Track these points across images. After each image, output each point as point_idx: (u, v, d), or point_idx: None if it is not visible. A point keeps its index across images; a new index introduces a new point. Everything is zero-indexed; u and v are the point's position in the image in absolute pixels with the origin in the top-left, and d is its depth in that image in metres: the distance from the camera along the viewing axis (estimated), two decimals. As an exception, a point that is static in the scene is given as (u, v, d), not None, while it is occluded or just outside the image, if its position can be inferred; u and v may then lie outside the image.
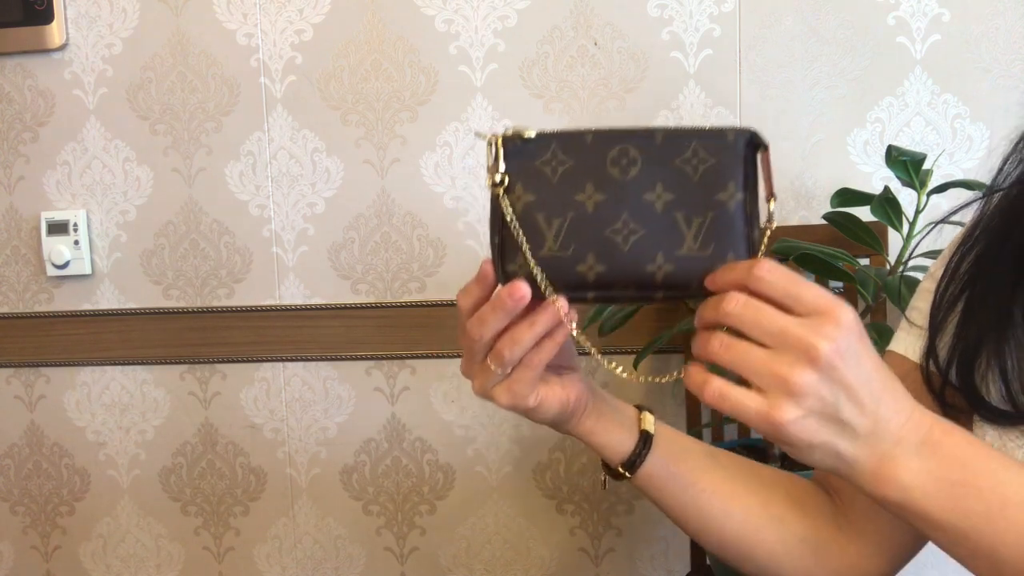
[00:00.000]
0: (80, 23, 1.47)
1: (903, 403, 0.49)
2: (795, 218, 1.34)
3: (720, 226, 0.52)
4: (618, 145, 0.53)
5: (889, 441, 0.48)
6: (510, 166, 0.54)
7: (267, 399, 1.51)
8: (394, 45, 1.40)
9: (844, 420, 0.47)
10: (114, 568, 1.60)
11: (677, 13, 1.33)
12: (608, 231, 0.53)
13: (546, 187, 0.54)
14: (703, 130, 0.53)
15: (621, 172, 0.53)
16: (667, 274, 0.52)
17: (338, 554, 1.53)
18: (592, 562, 1.47)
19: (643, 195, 0.53)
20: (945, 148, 1.30)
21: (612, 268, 0.53)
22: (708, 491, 0.64)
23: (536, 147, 0.55)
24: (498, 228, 0.55)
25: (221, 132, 1.46)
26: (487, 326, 0.55)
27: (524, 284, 0.53)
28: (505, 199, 0.55)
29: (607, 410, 0.64)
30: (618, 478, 0.65)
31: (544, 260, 0.54)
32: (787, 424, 0.46)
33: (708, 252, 0.52)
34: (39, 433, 1.58)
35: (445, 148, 1.40)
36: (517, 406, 0.57)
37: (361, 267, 1.45)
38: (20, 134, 1.51)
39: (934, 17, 1.28)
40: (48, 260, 1.50)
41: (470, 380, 0.58)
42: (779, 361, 0.46)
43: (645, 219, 0.52)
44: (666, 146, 0.53)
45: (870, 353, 0.48)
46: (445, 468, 1.48)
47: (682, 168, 0.52)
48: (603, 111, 1.36)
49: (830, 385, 0.46)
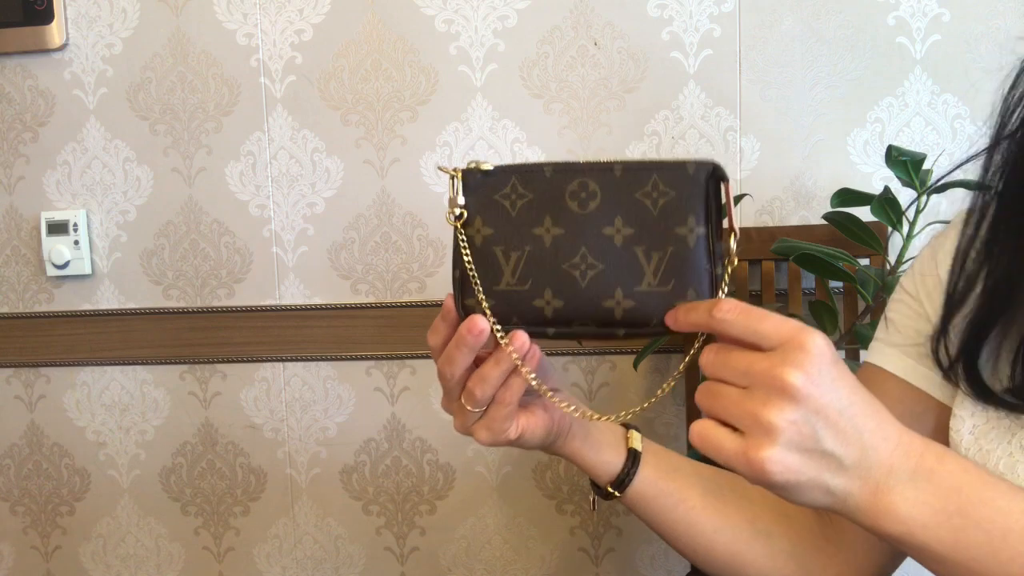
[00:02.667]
0: (80, 23, 1.47)
1: (889, 429, 0.47)
2: (795, 218, 1.34)
3: (680, 261, 0.51)
4: (577, 178, 0.53)
5: (881, 470, 0.46)
6: (469, 199, 0.54)
7: (267, 399, 1.51)
8: (394, 45, 1.40)
9: (827, 452, 0.45)
10: (114, 568, 1.60)
11: (677, 13, 1.33)
12: (566, 265, 0.52)
13: (505, 220, 0.53)
14: (663, 162, 0.52)
15: (580, 205, 0.52)
16: (626, 310, 0.52)
17: (338, 554, 1.53)
18: (592, 562, 1.47)
19: (602, 229, 0.52)
20: (945, 148, 1.30)
21: (570, 304, 0.52)
22: (697, 508, 0.64)
23: (496, 180, 0.54)
24: (457, 262, 0.55)
25: (221, 132, 1.46)
26: (454, 364, 0.54)
27: (482, 319, 0.53)
28: (463, 233, 0.54)
29: (594, 430, 0.64)
30: (607, 498, 0.64)
31: (501, 294, 0.53)
32: (767, 463, 0.44)
33: (668, 288, 0.51)
34: (39, 433, 1.58)
35: (445, 148, 1.40)
36: (498, 441, 0.57)
37: (361, 267, 1.45)
38: (20, 134, 1.51)
39: (934, 17, 1.28)
40: (48, 260, 1.50)
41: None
42: (751, 399, 0.45)
43: (604, 254, 0.52)
44: (625, 179, 0.52)
45: (846, 379, 0.46)
46: (445, 468, 1.48)
47: (642, 201, 0.51)
48: (603, 111, 1.36)
49: (805, 415, 0.44)
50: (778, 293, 1.31)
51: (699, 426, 0.47)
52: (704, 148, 1.34)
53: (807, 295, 1.31)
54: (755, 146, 1.34)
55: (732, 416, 0.46)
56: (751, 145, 1.34)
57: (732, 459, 0.45)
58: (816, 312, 1.13)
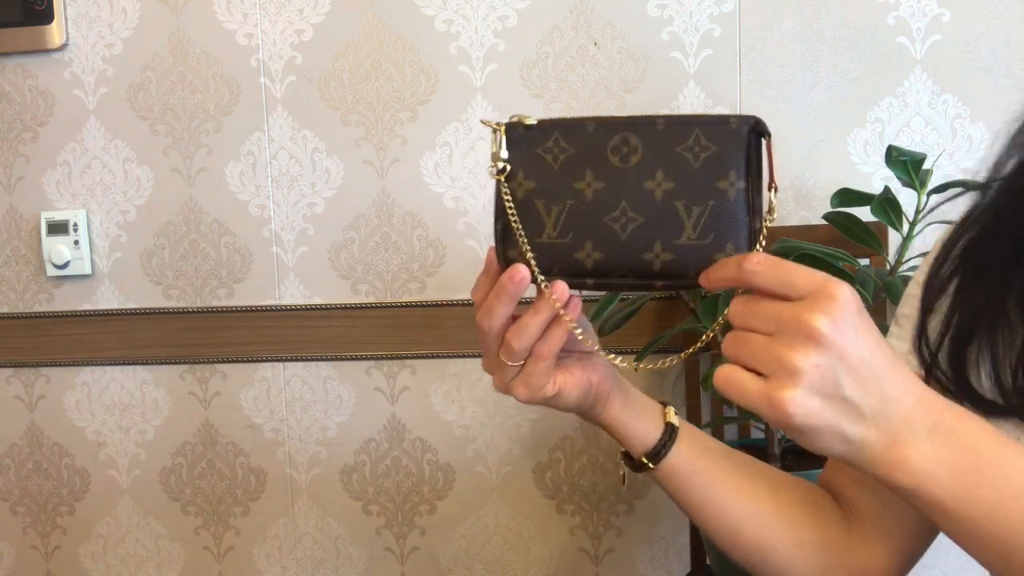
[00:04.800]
0: (80, 23, 1.47)
1: (911, 385, 0.47)
2: (795, 218, 1.34)
3: (720, 215, 0.51)
4: (619, 133, 0.53)
5: (899, 422, 0.46)
6: (512, 154, 0.55)
7: (267, 399, 1.51)
8: (394, 45, 1.40)
9: (848, 398, 0.45)
10: (114, 568, 1.60)
11: (677, 13, 1.33)
12: (607, 219, 0.53)
13: (547, 175, 0.54)
14: (706, 117, 0.52)
15: (622, 160, 0.53)
16: (665, 263, 0.52)
17: (338, 554, 1.53)
18: (592, 562, 1.47)
19: (643, 183, 0.52)
20: (945, 148, 1.30)
21: (610, 256, 0.53)
22: (729, 489, 0.64)
23: (538, 135, 0.55)
24: (500, 215, 0.55)
25: (221, 132, 1.46)
26: (493, 314, 0.55)
27: (523, 267, 0.53)
28: (506, 186, 0.55)
29: (632, 399, 0.64)
30: (639, 469, 0.64)
31: (542, 247, 0.54)
32: (788, 404, 0.44)
33: (707, 241, 0.51)
34: (39, 433, 1.58)
35: (445, 148, 1.40)
36: (535, 398, 0.57)
37: (361, 267, 1.45)
38: (20, 134, 1.51)
39: (934, 17, 1.28)
40: (48, 260, 1.50)
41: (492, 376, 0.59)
42: (777, 343, 0.45)
43: (644, 207, 0.52)
44: (668, 133, 0.52)
45: (870, 331, 0.46)
46: (445, 468, 1.48)
47: (683, 156, 0.52)
48: (603, 111, 1.36)
49: (829, 360, 0.44)
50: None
51: (724, 370, 0.48)
52: (704, 148, 1.34)
53: (807, 295, 1.31)
54: (755, 146, 1.34)
55: (757, 360, 0.46)
56: (751, 145, 1.34)
57: (755, 400, 0.46)
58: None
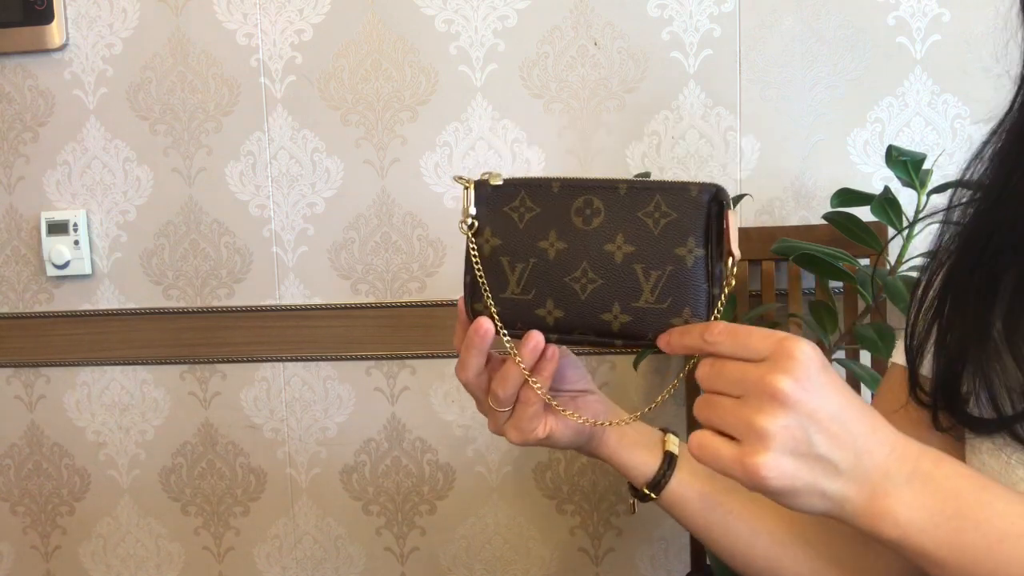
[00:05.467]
0: (80, 23, 1.47)
1: (883, 433, 0.47)
2: (795, 218, 1.34)
3: (678, 281, 0.53)
4: (583, 195, 0.55)
5: (876, 475, 0.46)
6: (481, 210, 0.57)
7: (267, 399, 1.51)
8: (394, 45, 1.40)
9: (821, 456, 0.45)
10: (114, 568, 1.60)
11: (677, 13, 1.33)
12: (568, 279, 0.55)
13: (513, 232, 0.56)
14: (667, 184, 0.54)
15: (584, 222, 0.55)
16: (623, 324, 0.54)
17: (338, 554, 1.53)
18: (592, 562, 1.47)
19: (604, 246, 0.54)
20: (945, 148, 1.30)
21: (570, 315, 0.55)
22: (735, 512, 0.64)
23: (506, 194, 0.57)
24: (468, 269, 0.58)
25: (221, 132, 1.46)
26: (466, 366, 0.58)
27: (487, 321, 0.56)
28: (474, 242, 0.57)
29: (629, 431, 0.65)
30: (644, 500, 0.65)
31: (507, 302, 0.56)
32: (762, 468, 0.45)
33: (665, 305, 0.53)
34: (39, 433, 1.58)
35: (445, 148, 1.40)
36: (527, 440, 0.59)
37: (361, 267, 1.45)
38: (20, 134, 1.51)
39: (934, 17, 1.28)
40: (48, 260, 1.50)
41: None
42: (746, 407, 0.46)
43: (604, 269, 0.54)
44: (630, 198, 0.54)
45: (836, 384, 0.46)
46: (445, 468, 1.48)
47: (644, 221, 0.53)
48: (603, 111, 1.36)
49: (798, 420, 0.45)
50: (778, 293, 1.31)
51: (697, 437, 0.49)
52: (704, 148, 1.35)
53: (807, 295, 1.31)
54: (755, 146, 1.34)
55: (728, 425, 0.47)
56: (751, 145, 1.34)
57: (729, 466, 0.46)
58: (816, 312, 1.13)
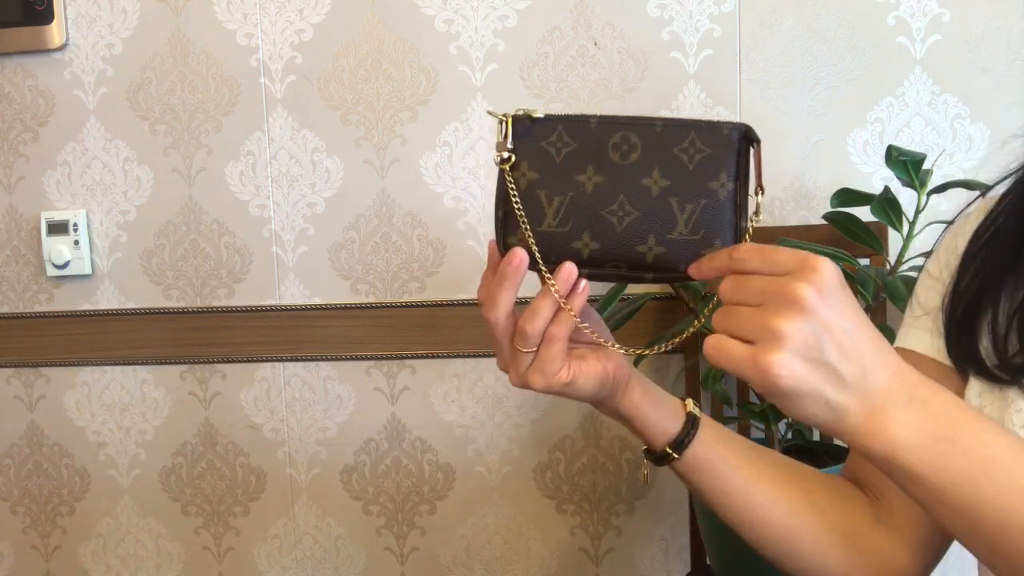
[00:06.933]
0: (80, 23, 1.47)
1: (889, 358, 0.49)
2: (795, 218, 1.34)
3: (710, 213, 0.55)
4: (620, 131, 0.56)
5: (879, 393, 0.48)
6: (518, 144, 0.57)
7: (267, 399, 1.51)
8: (394, 45, 1.40)
9: (831, 365, 0.47)
10: (114, 568, 1.60)
11: (677, 13, 1.33)
12: (605, 211, 0.56)
13: (550, 166, 0.57)
14: (701, 122, 0.56)
15: (621, 157, 0.56)
16: (657, 256, 0.55)
17: (338, 554, 1.53)
18: (592, 562, 1.47)
19: (640, 180, 0.56)
20: (945, 148, 1.30)
21: (606, 246, 0.56)
22: (754, 477, 0.64)
23: (543, 128, 0.57)
24: (502, 202, 0.58)
25: (221, 132, 1.46)
26: (497, 302, 0.56)
27: (521, 250, 0.56)
28: (510, 175, 0.57)
29: (651, 390, 0.65)
30: (662, 462, 0.64)
31: (542, 235, 0.57)
32: (774, 365, 0.46)
33: (698, 237, 0.55)
34: (39, 433, 1.58)
35: (445, 148, 1.40)
36: (552, 385, 0.58)
37: (361, 267, 1.45)
38: (20, 134, 1.51)
39: (934, 17, 1.28)
40: (48, 260, 1.50)
41: (507, 374, 0.60)
42: (764, 311, 0.48)
43: (640, 202, 0.55)
44: (665, 135, 0.56)
45: (852, 303, 0.49)
46: (445, 468, 1.48)
47: (679, 156, 0.55)
48: (604, 111, 1.35)
49: (813, 326, 0.46)
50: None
51: (712, 339, 0.50)
52: (704, 148, 1.34)
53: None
54: (755, 146, 1.34)
55: (745, 329, 0.48)
56: (751, 145, 1.34)
57: (741, 364, 0.48)
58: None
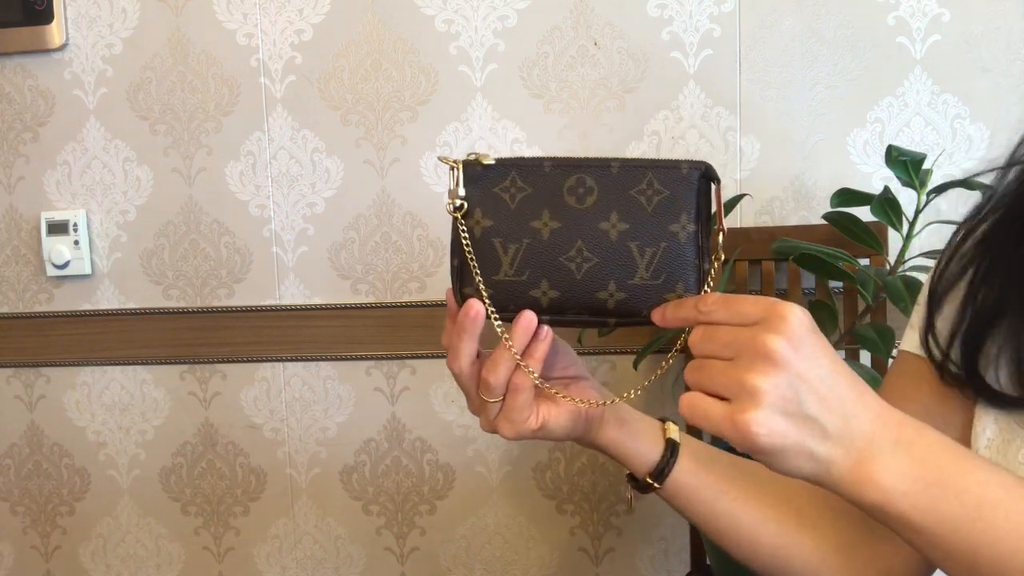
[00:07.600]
0: (80, 23, 1.47)
1: (869, 400, 0.48)
2: (795, 218, 1.34)
3: (671, 257, 0.53)
4: (576, 174, 0.55)
5: (862, 440, 0.47)
6: (470, 191, 0.56)
7: (267, 399, 1.51)
8: (394, 45, 1.40)
9: (811, 416, 0.46)
10: (114, 568, 1.60)
11: (677, 13, 1.33)
12: (563, 258, 0.54)
13: (504, 213, 0.55)
14: (659, 162, 0.54)
15: (578, 201, 0.55)
16: (619, 302, 0.54)
17: (338, 554, 1.53)
18: (592, 562, 1.47)
19: (598, 224, 0.54)
20: (945, 148, 1.30)
21: (565, 294, 0.55)
22: (740, 499, 0.63)
23: (496, 174, 0.56)
24: (456, 251, 0.56)
25: (221, 132, 1.46)
26: (458, 354, 0.56)
27: (477, 302, 0.55)
28: (463, 224, 0.56)
29: (628, 419, 0.64)
30: (645, 490, 0.64)
31: (499, 284, 0.55)
32: (752, 424, 0.45)
33: (659, 281, 0.54)
34: (39, 433, 1.58)
35: (445, 148, 1.40)
36: (521, 433, 0.58)
37: (361, 267, 1.45)
38: (20, 134, 1.51)
39: (934, 17, 1.28)
40: (48, 260, 1.50)
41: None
42: (736, 366, 0.46)
43: (599, 248, 0.54)
44: (622, 176, 0.54)
45: (826, 349, 0.47)
46: (445, 468, 1.48)
47: (637, 198, 0.54)
48: (603, 111, 1.36)
49: (788, 378, 0.45)
50: (778, 293, 1.31)
51: (688, 397, 0.49)
52: (704, 148, 1.35)
53: (807, 295, 1.31)
54: (755, 146, 1.34)
55: (718, 385, 0.47)
56: (751, 145, 1.34)
57: (719, 424, 0.47)
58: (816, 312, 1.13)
